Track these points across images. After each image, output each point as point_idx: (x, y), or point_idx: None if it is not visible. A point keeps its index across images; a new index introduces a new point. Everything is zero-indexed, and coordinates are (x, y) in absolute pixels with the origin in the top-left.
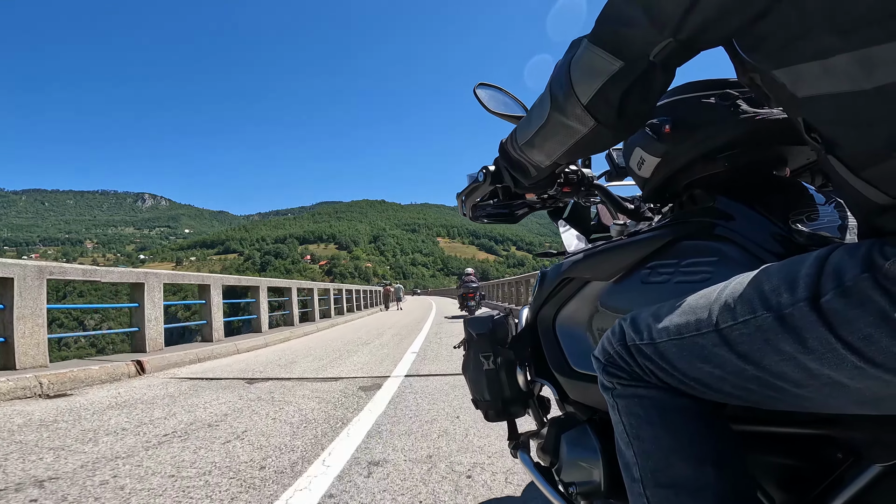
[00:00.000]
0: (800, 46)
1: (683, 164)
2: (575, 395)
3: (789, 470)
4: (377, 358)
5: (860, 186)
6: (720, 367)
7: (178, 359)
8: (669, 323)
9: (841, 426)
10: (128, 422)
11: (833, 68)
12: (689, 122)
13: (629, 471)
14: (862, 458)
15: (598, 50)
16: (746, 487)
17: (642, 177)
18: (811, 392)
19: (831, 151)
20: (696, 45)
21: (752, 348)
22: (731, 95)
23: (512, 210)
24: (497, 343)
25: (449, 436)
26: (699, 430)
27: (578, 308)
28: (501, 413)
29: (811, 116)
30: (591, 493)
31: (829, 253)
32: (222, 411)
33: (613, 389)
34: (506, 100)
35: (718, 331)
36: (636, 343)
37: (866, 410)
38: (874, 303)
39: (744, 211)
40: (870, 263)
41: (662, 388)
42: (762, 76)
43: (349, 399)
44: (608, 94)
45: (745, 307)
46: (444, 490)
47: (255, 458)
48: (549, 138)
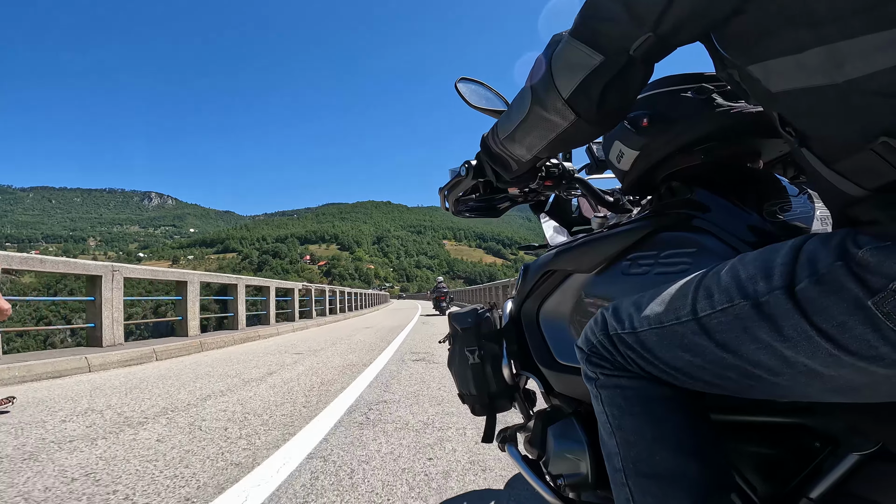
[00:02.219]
0: (773, 42)
1: (661, 157)
2: (560, 387)
3: (770, 459)
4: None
5: (833, 178)
6: (699, 356)
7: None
8: (650, 312)
9: (818, 415)
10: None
11: (805, 63)
12: (666, 116)
13: (612, 461)
14: (839, 447)
15: (579, 44)
16: (726, 476)
17: (622, 170)
18: (787, 380)
19: (805, 144)
20: (675, 40)
21: (729, 336)
22: (707, 89)
23: (494, 204)
24: (482, 337)
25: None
26: (679, 419)
27: (561, 300)
28: (487, 407)
29: (785, 111)
30: (578, 485)
31: (804, 242)
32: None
33: (596, 379)
34: (487, 94)
35: (697, 319)
36: (618, 332)
37: (842, 398)
38: (848, 290)
39: (720, 203)
40: (843, 252)
41: (644, 378)
42: (739, 72)
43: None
44: (589, 89)
45: (722, 295)
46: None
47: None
48: (529, 132)
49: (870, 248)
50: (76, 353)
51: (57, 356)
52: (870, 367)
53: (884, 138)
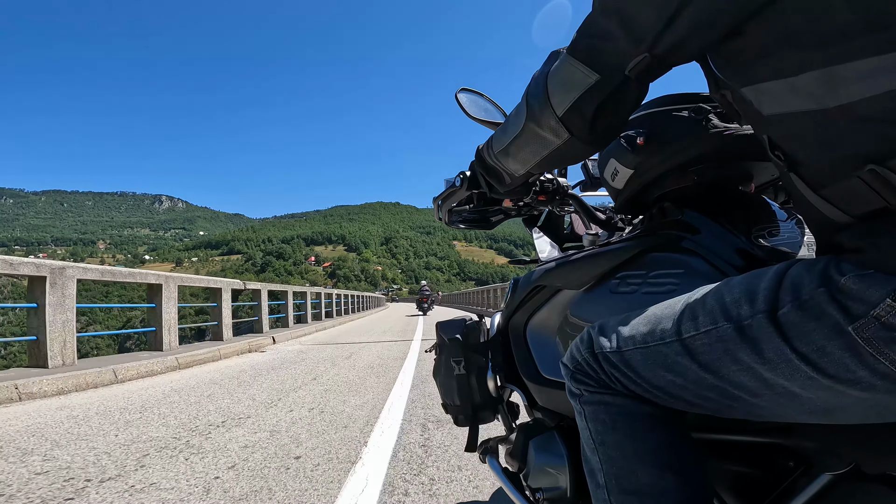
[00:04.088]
0: (769, 64)
1: (655, 177)
2: (543, 401)
3: (744, 477)
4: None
5: (819, 204)
6: (682, 376)
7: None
8: (635, 332)
9: (794, 435)
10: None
11: (799, 87)
12: (662, 135)
13: (594, 477)
14: (813, 466)
15: (575, 62)
16: (705, 494)
17: (615, 188)
18: (766, 401)
19: (793, 169)
20: (671, 61)
21: (712, 358)
22: (703, 110)
23: (487, 216)
24: (468, 348)
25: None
26: (661, 437)
27: (549, 316)
28: (471, 418)
29: (775, 134)
30: (557, 499)
31: (788, 267)
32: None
33: (581, 396)
34: (487, 106)
35: (681, 340)
36: (603, 351)
37: (817, 420)
38: (829, 316)
39: (710, 225)
40: (826, 279)
41: (628, 396)
42: (732, 93)
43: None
44: (582, 107)
45: (707, 318)
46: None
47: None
48: (523, 148)
49: (852, 276)
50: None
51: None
52: (847, 389)
53: (871, 166)
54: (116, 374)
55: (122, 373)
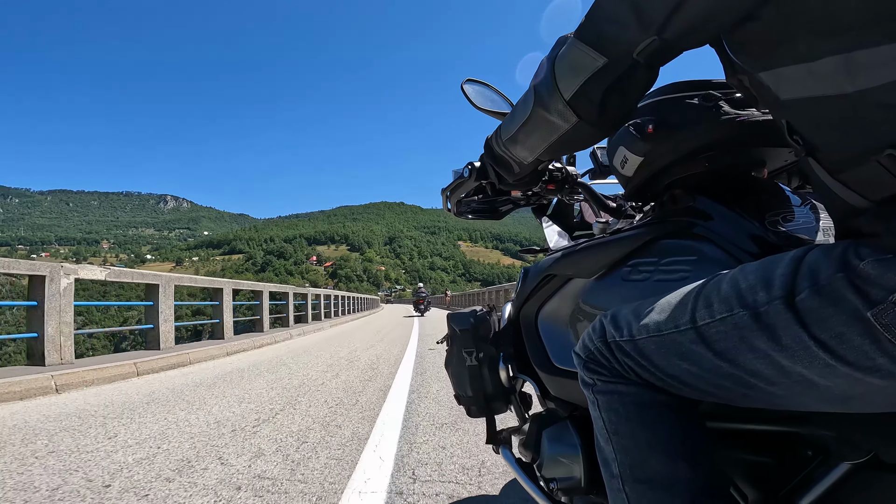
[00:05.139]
0: (787, 49)
1: (665, 164)
2: (556, 391)
3: (761, 467)
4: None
5: (838, 189)
6: (697, 365)
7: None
8: (649, 320)
9: (811, 424)
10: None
11: (818, 71)
12: (671, 123)
13: (608, 466)
14: (831, 456)
15: (583, 46)
16: (719, 483)
17: (625, 175)
18: (783, 390)
19: (811, 154)
20: (680, 45)
21: (727, 346)
22: (713, 96)
23: (496, 206)
24: (479, 339)
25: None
26: (674, 426)
27: (560, 305)
28: (484, 409)
29: (794, 119)
30: (571, 489)
31: (805, 253)
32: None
33: (594, 385)
34: (493, 96)
35: (696, 328)
36: (616, 340)
37: (835, 408)
38: (848, 302)
39: (722, 211)
40: (845, 264)
41: (641, 385)
42: (749, 78)
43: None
44: (590, 91)
45: (722, 305)
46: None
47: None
48: (531, 134)
49: (871, 261)
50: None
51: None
52: (865, 377)
53: (890, 150)
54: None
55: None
